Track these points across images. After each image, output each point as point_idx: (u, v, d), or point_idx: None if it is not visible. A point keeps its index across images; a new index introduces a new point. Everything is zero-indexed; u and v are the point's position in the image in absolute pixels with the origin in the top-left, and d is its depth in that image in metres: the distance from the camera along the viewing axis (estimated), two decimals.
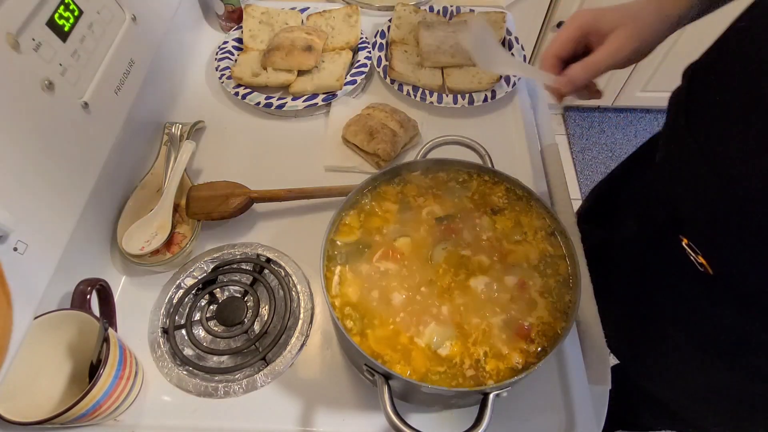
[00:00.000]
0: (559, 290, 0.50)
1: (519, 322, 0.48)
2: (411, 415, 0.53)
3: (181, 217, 0.66)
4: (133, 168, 0.69)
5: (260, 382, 0.55)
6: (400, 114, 0.75)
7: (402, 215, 0.55)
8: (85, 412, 0.46)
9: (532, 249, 0.53)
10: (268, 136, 0.78)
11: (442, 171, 0.59)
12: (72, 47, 0.53)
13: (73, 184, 0.53)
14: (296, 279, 0.62)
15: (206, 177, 0.72)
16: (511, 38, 0.86)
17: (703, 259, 0.48)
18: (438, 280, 0.51)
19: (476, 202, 0.56)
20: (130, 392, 0.52)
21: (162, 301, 0.61)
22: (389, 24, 0.88)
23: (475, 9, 0.90)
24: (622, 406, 0.91)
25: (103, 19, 0.58)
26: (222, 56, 0.83)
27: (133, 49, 0.63)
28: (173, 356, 0.57)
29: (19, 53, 0.46)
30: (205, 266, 0.63)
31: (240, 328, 0.58)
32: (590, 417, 0.54)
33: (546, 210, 0.55)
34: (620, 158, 2.00)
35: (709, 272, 0.48)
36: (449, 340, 0.47)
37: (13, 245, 0.43)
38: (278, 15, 0.87)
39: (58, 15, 0.51)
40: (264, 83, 0.79)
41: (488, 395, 0.43)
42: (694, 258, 0.49)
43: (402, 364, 0.46)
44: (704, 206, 0.47)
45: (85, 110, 0.54)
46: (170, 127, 0.73)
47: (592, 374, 0.57)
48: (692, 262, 0.50)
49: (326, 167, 0.74)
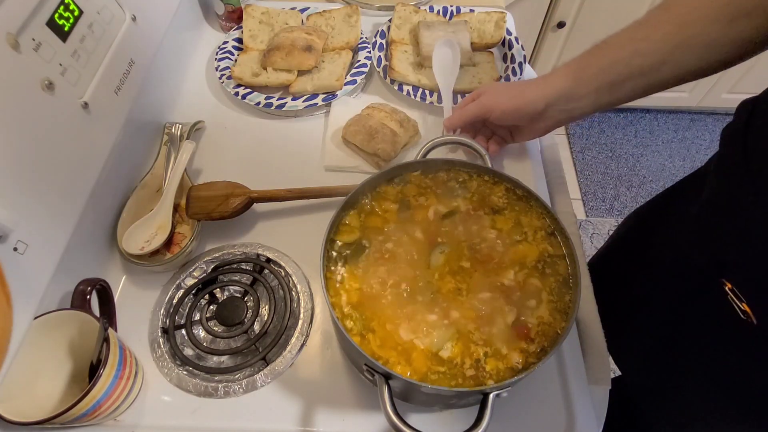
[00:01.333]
0: (559, 290, 0.50)
1: (519, 322, 0.48)
2: (411, 415, 0.53)
3: (181, 217, 0.66)
4: (133, 168, 0.69)
5: (260, 382, 0.55)
6: (400, 114, 0.75)
7: (402, 215, 0.55)
8: (85, 412, 0.46)
9: (532, 249, 0.53)
10: (268, 136, 0.78)
11: (442, 171, 0.59)
12: (72, 47, 0.53)
13: (73, 184, 0.53)
14: (296, 279, 0.62)
15: (206, 177, 0.72)
16: (511, 38, 0.86)
17: (747, 307, 0.45)
18: (438, 280, 0.51)
19: (476, 203, 0.56)
20: (130, 392, 0.52)
21: (162, 301, 0.61)
22: (389, 24, 0.88)
23: (475, 9, 0.90)
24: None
25: (103, 19, 0.58)
26: (222, 56, 0.83)
27: (133, 49, 0.63)
28: (173, 356, 0.57)
29: (19, 53, 0.46)
30: (205, 266, 0.63)
31: (240, 328, 0.58)
32: (590, 417, 0.54)
33: (546, 210, 0.55)
34: (620, 158, 2.02)
35: (752, 321, 0.45)
36: (449, 341, 0.47)
37: (13, 245, 0.43)
38: (278, 15, 0.87)
39: (58, 15, 0.51)
40: (264, 83, 0.79)
41: (488, 395, 0.43)
42: (737, 305, 0.46)
43: (402, 364, 0.46)
44: (753, 251, 0.44)
45: (85, 110, 0.54)
46: (170, 127, 0.73)
47: (592, 374, 0.57)
48: (734, 310, 0.46)
49: (326, 167, 0.74)
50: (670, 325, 0.58)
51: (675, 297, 0.57)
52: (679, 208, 0.62)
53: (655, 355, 0.62)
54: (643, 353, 0.64)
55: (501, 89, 0.65)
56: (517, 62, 0.83)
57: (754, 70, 1.78)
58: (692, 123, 2.13)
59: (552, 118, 0.62)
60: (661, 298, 0.60)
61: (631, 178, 1.97)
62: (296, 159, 0.75)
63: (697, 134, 2.10)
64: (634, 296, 0.66)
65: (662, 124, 2.12)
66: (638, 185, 1.95)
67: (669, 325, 0.58)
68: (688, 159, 2.02)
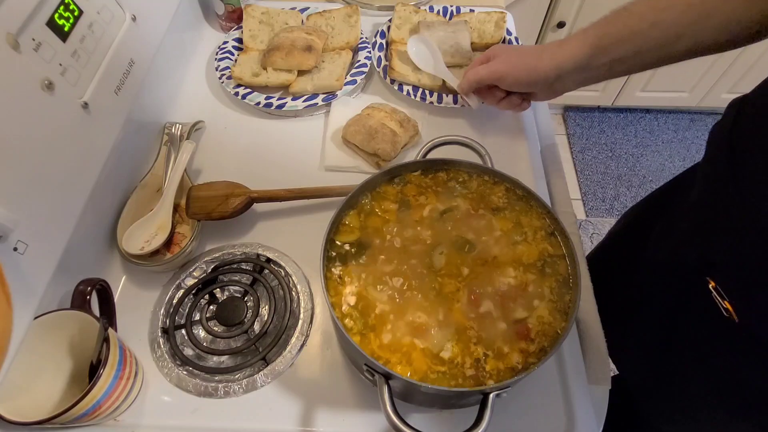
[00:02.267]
0: (559, 290, 0.50)
1: (519, 322, 0.48)
2: (411, 415, 0.53)
3: (181, 217, 0.66)
4: (133, 168, 0.69)
5: (260, 382, 0.55)
6: (400, 114, 0.75)
7: (402, 215, 0.55)
8: (85, 412, 0.46)
9: (532, 249, 0.53)
10: (268, 136, 0.78)
11: (442, 171, 0.59)
12: (72, 47, 0.53)
13: (73, 184, 0.53)
14: (296, 279, 0.62)
15: (206, 177, 0.72)
16: (511, 38, 0.86)
17: (729, 305, 0.46)
18: (438, 280, 0.51)
19: (476, 202, 0.56)
20: (130, 392, 0.52)
21: (162, 301, 0.61)
22: (389, 24, 0.88)
23: (475, 9, 0.90)
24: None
25: (103, 19, 0.58)
26: (222, 56, 0.83)
27: (133, 49, 0.63)
28: (173, 356, 0.57)
29: (19, 53, 0.46)
30: (205, 266, 0.63)
31: (240, 328, 0.58)
32: (590, 417, 0.54)
33: (546, 210, 0.55)
34: (620, 158, 2.02)
35: (734, 319, 0.45)
36: (449, 341, 0.47)
37: (13, 245, 0.43)
38: (278, 15, 0.87)
39: (58, 15, 0.51)
40: (264, 83, 0.79)
41: (488, 395, 0.43)
42: (720, 303, 0.46)
43: (402, 364, 0.46)
44: (737, 251, 0.44)
45: (85, 110, 0.54)
46: (170, 127, 0.73)
47: (592, 374, 0.57)
48: (717, 307, 0.47)
49: (326, 167, 0.74)
50: (664, 324, 0.59)
51: (668, 295, 0.57)
52: (673, 207, 0.63)
53: (650, 354, 0.62)
54: (638, 352, 0.64)
55: (513, 55, 0.65)
56: None
57: (753, 70, 1.78)
58: (692, 123, 2.13)
59: (565, 86, 0.62)
60: (655, 297, 0.61)
61: (631, 178, 1.97)
62: (296, 159, 0.75)
63: (697, 134, 2.10)
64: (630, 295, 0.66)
65: (662, 124, 2.12)
66: (638, 185, 1.96)
67: (663, 324, 0.59)
68: (688, 159, 2.02)
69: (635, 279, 0.66)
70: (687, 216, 0.56)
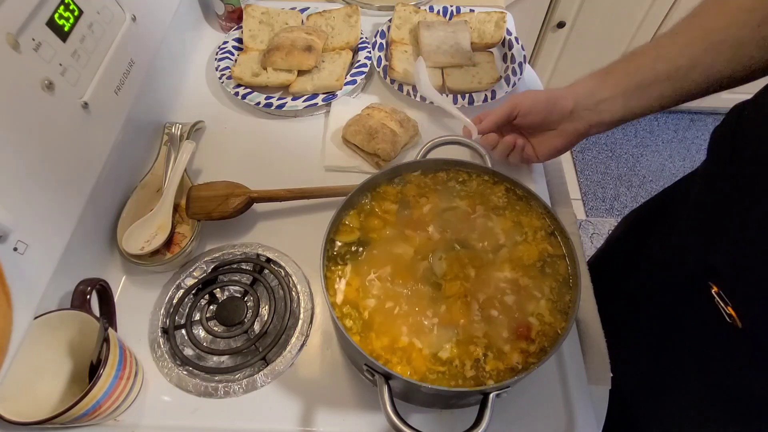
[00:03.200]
0: (559, 290, 0.50)
1: (519, 322, 0.48)
2: (411, 415, 0.53)
3: (181, 217, 0.66)
4: (133, 168, 0.69)
5: (260, 382, 0.55)
6: (400, 114, 0.75)
7: (402, 215, 0.55)
8: (85, 412, 0.46)
9: (532, 249, 0.53)
10: (268, 136, 0.78)
11: (442, 171, 0.59)
12: (72, 47, 0.53)
13: (73, 184, 0.53)
14: (296, 279, 0.62)
15: (206, 177, 0.72)
16: (511, 38, 0.86)
17: (732, 311, 0.45)
18: (437, 280, 0.51)
19: (476, 202, 0.56)
20: (130, 392, 0.52)
21: (162, 301, 0.61)
22: (389, 24, 0.88)
23: (475, 9, 0.90)
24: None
25: (103, 19, 0.58)
26: (222, 56, 0.83)
27: (133, 49, 0.63)
28: (173, 356, 0.57)
29: (19, 53, 0.46)
30: (205, 266, 0.63)
31: (240, 328, 0.58)
32: (590, 417, 0.54)
33: (546, 210, 0.55)
34: (620, 158, 2.02)
35: (737, 325, 0.45)
36: (449, 341, 0.47)
37: (13, 245, 0.43)
38: (278, 15, 0.87)
39: (58, 15, 0.51)
40: (264, 83, 0.79)
41: (488, 395, 0.43)
42: (722, 308, 0.46)
43: (402, 364, 0.46)
44: (739, 256, 0.44)
45: (85, 110, 0.54)
46: (170, 127, 0.73)
47: (592, 374, 0.57)
48: (720, 312, 0.46)
49: (326, 167, 0.74)
50: (663, 327, 0.58)
51: (668, 299, 0.57)
52: (675, 210, 0.62)
53: (648, 357, 0.62)
54: (636, 355, 0.63)
55: (529, 91, 0.66)
56: (517, 62, 0.83)
57: None
58: (692, 123, 2.13)
59: (582, 119, 0.60)
60: (654, 300, 0.60)
61: (631, 178, 1.97)
62: (296, 159, 0.75)
63: (697, 134, 2.10)
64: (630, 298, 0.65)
65: (662, 124, 2.12)
66: (638, 185, 1.95)
67: (662, 327, 0.58)
68: (688, 159, 2.02)
69: (634, 281, 0.65)
70: (687, 219, 0.55)
